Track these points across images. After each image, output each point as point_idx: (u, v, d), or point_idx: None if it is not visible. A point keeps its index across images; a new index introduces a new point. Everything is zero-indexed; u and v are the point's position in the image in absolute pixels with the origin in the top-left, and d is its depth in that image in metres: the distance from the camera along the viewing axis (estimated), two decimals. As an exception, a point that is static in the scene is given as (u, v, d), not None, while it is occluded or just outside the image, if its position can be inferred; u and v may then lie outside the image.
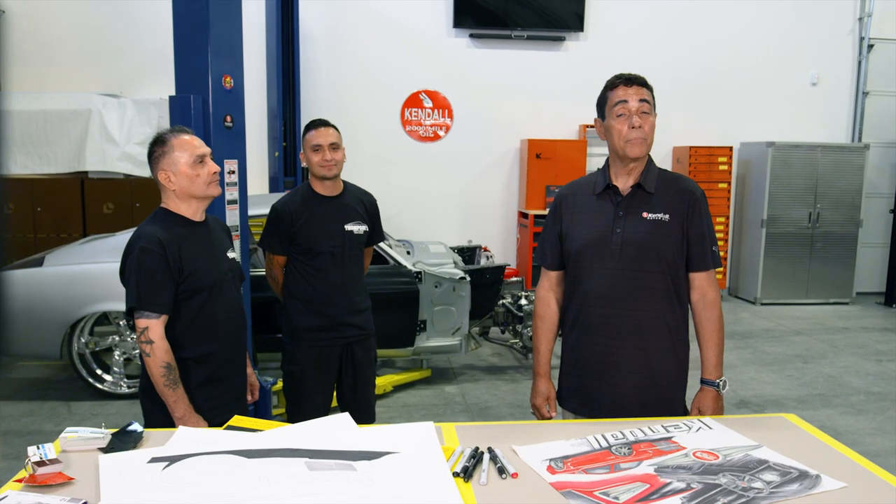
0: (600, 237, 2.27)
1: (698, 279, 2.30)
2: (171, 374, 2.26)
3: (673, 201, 2.25)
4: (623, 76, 2.24)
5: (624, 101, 2.20)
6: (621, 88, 2.22)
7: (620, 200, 2.28)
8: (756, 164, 8.52)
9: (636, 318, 2.25)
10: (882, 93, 8.93)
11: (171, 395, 2.27)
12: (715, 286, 2.32)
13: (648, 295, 2.24)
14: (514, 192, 8.61)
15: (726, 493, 1.62)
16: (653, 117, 2.23)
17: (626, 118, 2.20)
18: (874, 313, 8.17)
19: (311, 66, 7.99)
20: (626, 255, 2.23)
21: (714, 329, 2.30)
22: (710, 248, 2.27)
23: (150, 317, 2.25)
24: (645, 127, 2.20)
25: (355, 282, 3.29)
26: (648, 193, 2.26)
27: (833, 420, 4.79)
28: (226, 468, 1.73)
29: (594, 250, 2.27)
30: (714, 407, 2.27)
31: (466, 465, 1.74)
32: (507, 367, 5.88)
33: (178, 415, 2.28)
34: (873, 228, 8.90)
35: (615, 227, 2.25)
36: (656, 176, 2.29)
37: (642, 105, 2.19)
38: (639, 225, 2.24)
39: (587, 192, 2.35)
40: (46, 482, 1.63)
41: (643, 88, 2.21)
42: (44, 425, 4.51)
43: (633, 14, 8.48)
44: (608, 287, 2.26)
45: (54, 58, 7.67)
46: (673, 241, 2.23)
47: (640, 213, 2.25)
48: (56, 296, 4.80)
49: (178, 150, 2.33)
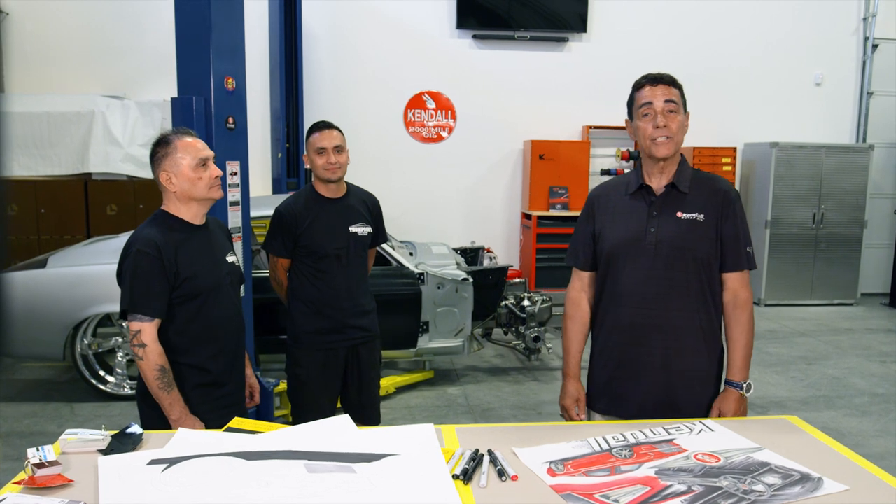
0: (634, 237, 2.26)
1: (731, 280, 2.27)
2: (165, 377, 2.25)
3: (707, 201, 2.24)
4: (650, 76, 2.24)
5: (649, 103, 2.20)
6: (647, 88, 2.22)
7: (654, 200, 2.27)
8: (760, 164, 8.49)
9: (668, 318, 2.24)
10: (886, 93, 8.90)
11: (165, 398, 2.26)
12: (748, 288, 2.30)
13: (681, 295, 2.23)
14: (517, 193, 8.60)
15: (727, 496, 1.61)
16: (681, 116, 2.22)
17: (651, 118, 2.20)
18: (879, 314, 8.14)
19: (313, 66, 8.00)
20: (660, 255, 2.22)
21: (743, 331, 2.27)
22: (744, 248, 2.25)
23: (143, 320, 2.24)
24: (672, 126, 2.19)
25: (360, 284, 3.28)
26: (682, 193, 2.25)
27: (837, 422, 4.77)
28: (225, 470, 1.72)
29: (628, 250, 2.26)
30: (736, 409, 2.24)
31: (466, 467, 1.73)
32: (510, 368, 5.87)
33: (174, 417, 2.27)
34: (878, 229, 8.87)
35: (649, 227, 2.24)
36: (690, 176, 2.28)
37: (668, 105, 2.19)
38: (673, 225, 2.23)
39: (620, 193, 2.35)
40: (45, 484, 1.63)
41: (670, 87, 2.21)
42: (46, 427, 4.52)
43: (637, 15, 8.46)
44: (641, 287, 2.25)
45: (57, 59, 7.69)
46: (707, 241, 2.22)
47: (674, 212, 2.24)
48: (59, 297, 4.81)
49: (181, 152, 2.32)
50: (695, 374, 2.28)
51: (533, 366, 5.89)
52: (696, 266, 2.22)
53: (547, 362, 5.98)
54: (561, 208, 8.13)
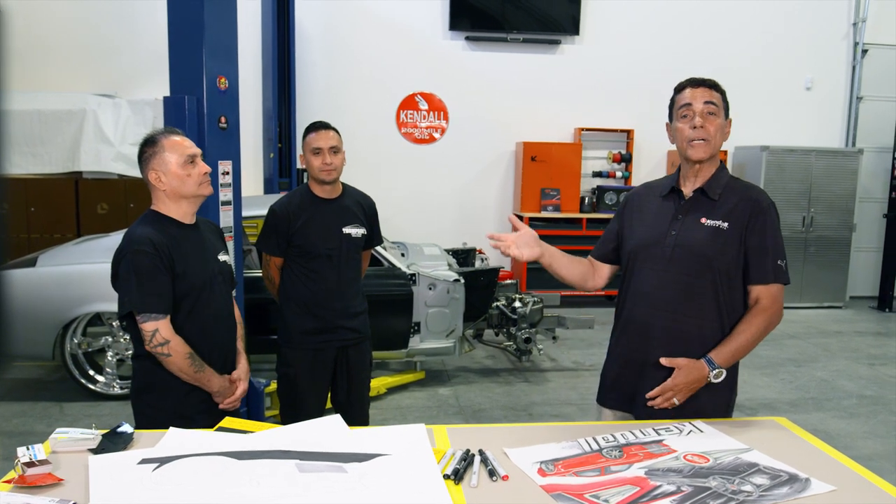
0: (655, 238, 2.25)
1: (755, 291, 2.19)
2: (195, 360, 2.32)
3: (735, 209, 2.18)
4: (692, 79, 2.22)
5: (688, 104, 2.19)
6: (688, 90, 2.20)
7: (682, 203, 2.25)
8: (750, 168, 8.54)
9: (675, 323, 2.20)
10: (876, 98, 8.97)
11: (203, 376, 2.35)
12: (775, 300, 2.18)
13: (694, 301, 2.18)
14: (510, 195, 8.62)
15: (716, 496, 1.63)
16: (720, 120, 2.19)
17: (689, 119, 2.18)
18: (867, 317, 8.19)
19: (306, 66, 7.99)
20: (676, 259, 2.19)
21: (748, 328, 2.16)
22: (772, 260, 2.16)
23: (158, 318, 2.26)
24: (709, 128, 2.17)
25: (352, 285, 3.28)
26: (712, 199, 2.21)
27: (826, 424, 4.81)
28: (216, 469, 1.72)
29: (647, 251, 2.25)
30: (688, 380, 2.12)
31: (457, 467, 1.74)
32: (501, 369, 5.88)
33: (216, 389, 2.40)
34: (867, 233, 8.93)
35: (670, 230, 2.23)
36: (724, 183, 2.24)
37: (707, 107, 2.17)
38: (695, 230, 2.19)
39: (655, 194, 2.35)
40: (36, 483, 1.63)
41: (711, 90, 2.19)
42: (35, 426, 4.50)
43: (629, 17, 8.49)
44: (653, 288, 2.23)
45: (49, 57, 7.64)
46: (730, 250, 2.16)
47: (698, 218, 2.20)
48: (49, 296, 4.79)
49: (168, 151, 2.33)
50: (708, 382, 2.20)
51: (524, 367, 5.90)
52: (712, 274, 2.17)
53: (538, 363, 5.99)
54: (553, 210, 8.15)
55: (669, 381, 2.13)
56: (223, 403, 2.46)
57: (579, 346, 6.31)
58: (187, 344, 2.33)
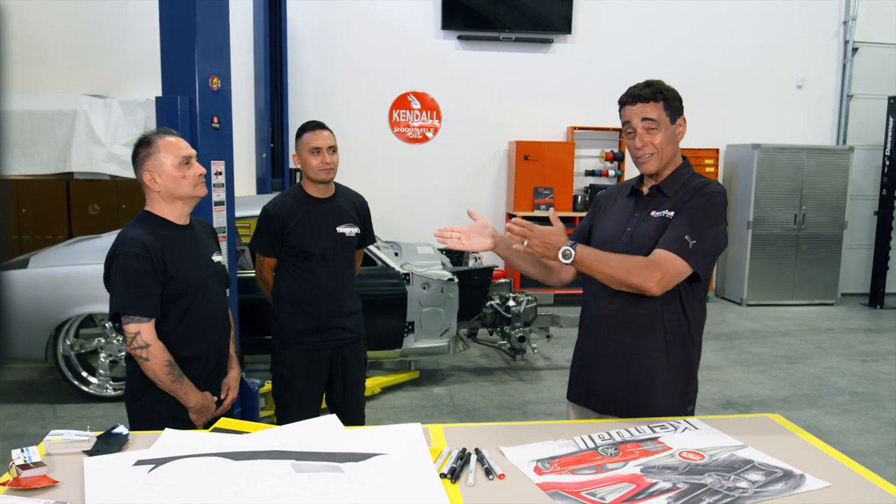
0: (614, 234, 2.29)
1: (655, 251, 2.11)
2: (174, 369, 2.28)
3: (679, 200, 2.21)
4: (629, 92, 2.22)
5: (628, 122, 2.21)
6: (626, 108, 2.22)
7: (639, 201, 2.29)
8: (742, 166, 8.58)
9: (631, 315, 2.23)
10: (866, 96, 9.02)
11: (179, 388, 2.29)
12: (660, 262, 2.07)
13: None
14: (503, 194, 8.63)
15: (712, 493, 1.63)
16: (663, 132, 2.18)
17: (633, 136, 2.21)
18: (859, 314, 8.24)
19: (298, 66, 7.97)
20: (629, 252, 2.20)
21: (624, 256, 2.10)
22: (678, 233, 2.10)
23: (141, 321, 2.24)
24: (653, 142, 2.18)
25: (346, 284, 3.27)
26: (666, 196, 2.24)
27: (818, 420, 4.83)
28: (212, 470, 1.72)
29: (605, 246, 2.27)
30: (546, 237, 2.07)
31: (454, 466, 1.74)
32: (495, 368, 5.89)
33: (192, 404, 2.33)
34: (858, 230, 8.98)
35: (627, 226, 2.27)
36: (684, 181, 2.24)
37: (645, 123, 2.18)
38: (646, 223, 2.23)
39: (622, 194, 2.38)
40: (31, 485, 1.62)
41: (648, 104, 2.18)
42: (28, 428, 4.48)
43: (621, 17, 8.52)
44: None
45: (40, 58, 7.60)
46: None
47: (650, 212, 2.24)
48: (41, 298, 4.76)
49: (163, 152, 2.31)
50: (654, 373, 2.23)
51: (518, 366, 5.91)
52: None
53: (532, 362, 6.00)
54: (546, 209, 8.15)
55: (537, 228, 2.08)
56: (197, 421, 2.36)
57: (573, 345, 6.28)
58: (184, 346, 2.32)
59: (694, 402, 2.31)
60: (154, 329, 2.26)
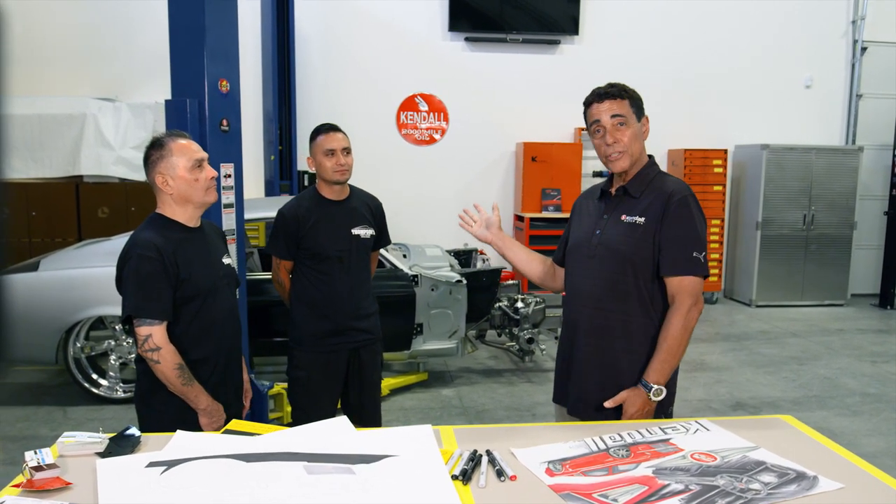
0: (583, 239, 2.33)
1: (669, 284, 2.21)
2: (184, 372, 2.28)
3: (651, 204, 2.23)
4: (596, 91, 2.26)
5: (597, 120, 2.24)
6: (594, 106, 2.25)
7: (607, 203, 2.33)
8: (751, 166, 8.54)
9: (605, 319, 2.26)
10: (875, 95, 8.97)
11: (190, 391, 2.29)
12: (688, 293, 2.19)
13: (618, 297, 2.25)
14: (510, 196, 8.62)
15: (724, 495, 1.63)
16: (633, 128, 2.22)
17: (602, 135, 2.24)
18: (869, 315, 8.19)
19: (306, 69, 7.99)
20: (598, 257, 2.27)
21: (666, 335, 2.18)
22: (683, 252, 2.18)
23: (153, 324, 2.24)
24: (623, 140, 2.21)
25: (362, 286, 3.27)
26: (633, 197, 2.27)
27: (829, 422, 4.80)
28: (224, 472, 1.72)
29: (577, 250, 2.34)
30: (637, 408, 2.17)
31: (465, 467, 1.74)
32: (504, 370, 5.88)
33: (203, 407, 2.32)
34: (867, 230, 8.93)
35: (595, 230, 2.30)
36: (649, 181, 2.28)
37: (615, 119, 2.20)
38: (615, 228, 2.26)
39: (594, 196, 2.42)
40: (44, 487, 1.63)
41: (616, 101, 2.21)
42: (39, 430, 4.50)
43: (628, 17, 8.50)
44: (583, 287, 2.31)
45: (49, 61, 7.65)
46: (645, 245, 2.21)
47: (619, 215, 2.27)
48: (51, 300, 4.79)
49: (176, 155, 2.32)
50: (630, 375, 2.24)
51: (527, 367, 5.90)
52: (633, 269, 2.22)
53: (540, 364, 5.99)
54: (553, 210, 8.15)
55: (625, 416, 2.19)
56: (207, 426, 2.35)
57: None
58: (194, 349, 2.33)
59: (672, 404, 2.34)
60: (166, 332, 2.27)
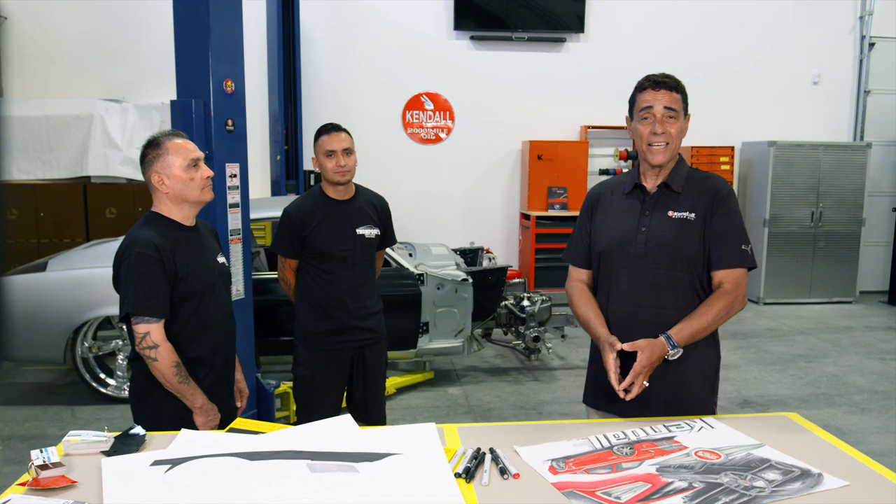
0: (626, 236, 2.26)
1: (718, 276, 2.21)
2: (181, 370, 2.28)
3: (698, 200, 2.22)
4: (652, 78, 2.22)
5: (649, 107, 2.20)
6: (648, 92, 2.21)
7: (647, 199, 2.27)
8: (758, 163, 8.51)
9: (659, 317, 2.20)
10: (883, 91, 8.92)
11: (186, 389, 2.29)
12: (737, 285, 2.19)
13: (671, 294, 2.21)
14: (516, 194, 8.61)
15: (728, 493, 1.62)
16: (680, 123, 2.21)
17: (650, 122, 2.20)
18: (877, 312, 8.15)
19: (311, 68, 8.00)
20: (650, 254, 2.22)
21: (708, 310, 2.15)
22: (733, 246, 2.20)
23: (151, 321, 2.24)
24: (670, 131, 2.19)
25: (367, 285, 3.29)
26: (675, 192, 2.24)
27: (837, 419, 4.78)
28: (228, 470, 1.73)
29: (620, 249, 2.26)
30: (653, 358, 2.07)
31: (468, 465, 1.74)
32: (510, 368, 5.88)
33: (199, 405, 2.32)
34: (876, 227, 8.88)
35: (640, 226, 2.25)
36: (685, 175, 2.27)
37: (668, 111, 2.18)
38: (663, 224, 2.22)
39: (618, 192, 2.36)
40: (49, 485, 1.64)
41: (672, 93, 2.19)
42: (47, 430, 4.52)
43: (634, 15, 8.48)
44: (632, 285, 2.25)
45: (56, 63, 7.69)
46: (697, 239, 2.20)
47: (665, 211, 2.23)
48: (59, 300, 4.81)
49: (172, 154, 2.32)
50: (686, 372, 2.22)
51: (533, 366, 5.90)
52: (686, 265, 2.21)
53: (547, 362, 5.99)
54: (560, 208, 8.14)
55: (636, 364, 2.07)
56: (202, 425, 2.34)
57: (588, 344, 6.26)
58: (191, 347, 2.33)
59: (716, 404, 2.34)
60: (163, 330, 2.27)
